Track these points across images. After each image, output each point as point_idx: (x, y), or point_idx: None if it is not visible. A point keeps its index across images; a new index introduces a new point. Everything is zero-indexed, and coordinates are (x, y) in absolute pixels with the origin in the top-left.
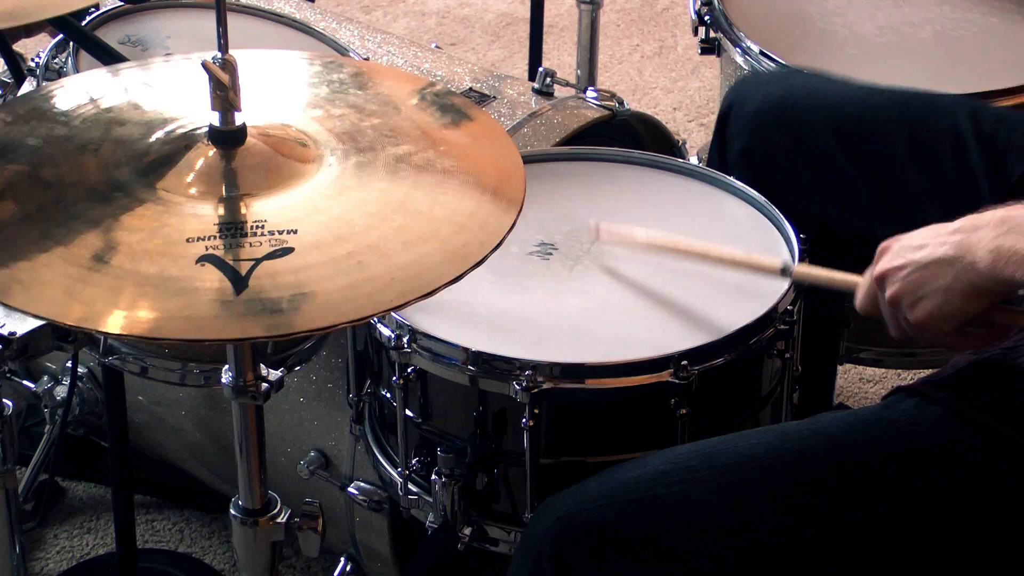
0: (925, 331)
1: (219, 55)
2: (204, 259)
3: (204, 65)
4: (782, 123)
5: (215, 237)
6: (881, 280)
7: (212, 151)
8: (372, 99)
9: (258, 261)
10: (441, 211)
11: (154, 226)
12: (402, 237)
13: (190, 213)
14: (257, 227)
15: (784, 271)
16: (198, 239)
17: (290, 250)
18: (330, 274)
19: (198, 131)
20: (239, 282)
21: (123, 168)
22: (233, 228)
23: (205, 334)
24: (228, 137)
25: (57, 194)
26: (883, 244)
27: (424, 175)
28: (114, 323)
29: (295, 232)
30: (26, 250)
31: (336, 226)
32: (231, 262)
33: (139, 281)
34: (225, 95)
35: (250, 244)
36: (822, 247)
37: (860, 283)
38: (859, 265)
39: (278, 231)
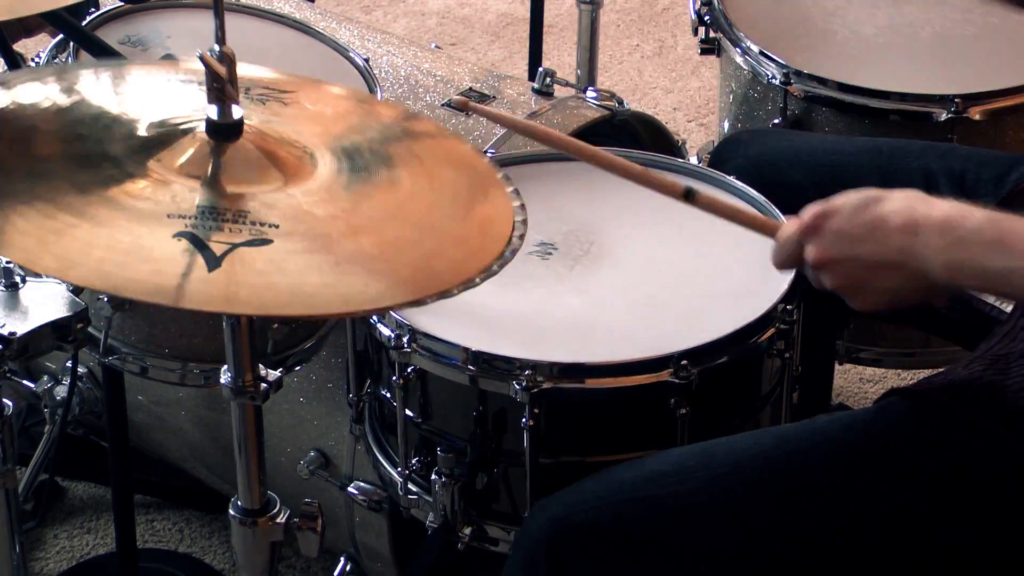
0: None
1: (216, 48)
2: (181, 235)
3: (201, 57)
4: (763, 179)
5: (195, 218)
6: (818, 267)
7: (207, 141)
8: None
9: (235, 246)
10: (430, 228)
11: (137, 198)
12: (384, 249)
13: (175, 193)
14: (240, 216)
15: (687, 195)
16: (179, 216)
17: (269, 242)
18: (304, 270)
19: (197, 122)
20: (212, 261)
21: (118, 144)
22: (215, 213)
23: (167, 300)
24: (224, 130)
25: (48, 158)
26: (812, 214)
27: (417, 190)
28: (80, 276)
29: (277, 227)
30: (10, 201)
31: (320, 227)
32: (208, 242)
33: (114, 244)
34: (221, 88)
35: (230, 230)
36: None
37: (780, 238)
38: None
39: (260, 223)
